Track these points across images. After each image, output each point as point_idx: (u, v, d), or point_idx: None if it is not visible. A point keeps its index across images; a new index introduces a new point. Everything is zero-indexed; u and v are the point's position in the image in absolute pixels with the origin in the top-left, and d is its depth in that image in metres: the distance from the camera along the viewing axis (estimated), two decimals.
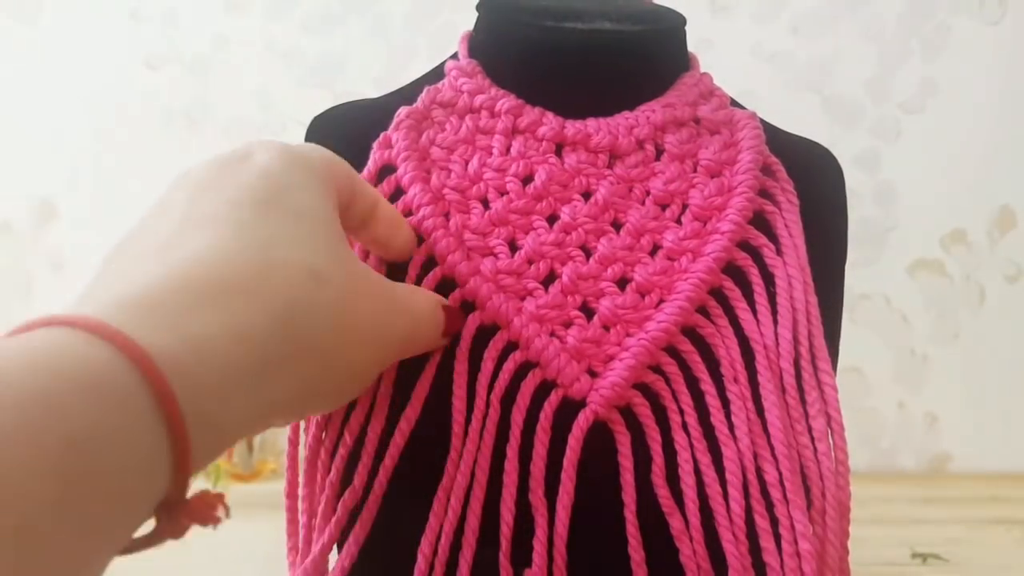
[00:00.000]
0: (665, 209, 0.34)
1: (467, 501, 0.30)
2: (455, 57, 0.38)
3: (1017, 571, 0.68)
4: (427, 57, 0.92)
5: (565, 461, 0.30)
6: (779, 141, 0.37)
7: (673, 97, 0.36)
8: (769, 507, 0.30)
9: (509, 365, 0.31)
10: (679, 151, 0.35)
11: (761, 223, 0.34)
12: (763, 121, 0.37)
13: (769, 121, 0.38)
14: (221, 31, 0.96)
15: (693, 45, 0.39)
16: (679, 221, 0.34)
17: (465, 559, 0.30)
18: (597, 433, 0.31)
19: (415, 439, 0.31)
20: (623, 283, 0.33)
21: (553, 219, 0.34)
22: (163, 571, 0.67)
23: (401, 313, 0.27)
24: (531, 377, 0.31)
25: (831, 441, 0.32)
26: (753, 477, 0.30)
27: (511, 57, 0.36)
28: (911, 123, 0.97)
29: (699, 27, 0.46)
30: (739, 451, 0.31)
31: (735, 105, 0.38)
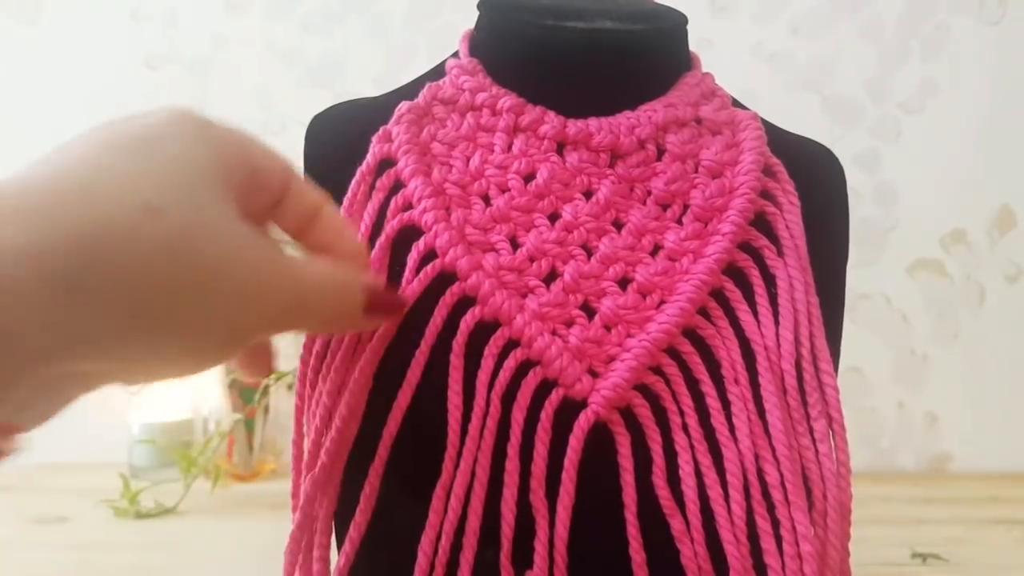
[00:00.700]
0: (666, 209, 0.34)
1: (467, 500, 0.30)
2: (456, 56, 0.38)
3: (1017, 571, 0.68)
4: (427, 57, 0.92)
5: (566, 461, 0.30)
6: (781, 141, 0.37)
7: (675, 97, 0.36)
8: (770, 508, 0.30)
9: (510, 363, 0.31)
10: (680, 151, 0.35)
11: (762, 224, 0.34)
12: (765, 121, 0.37)
13: (770, 121, 0.38)
14: (221, 31, 0.96)
15: (693, 45, 0.39)
16: (680, 221, 0.34)
17: (466, 559, 0.29)
18: (597, 434, 0.31)
19: (412, 434, 0.31)
20: (624, 283, 0.33)
21: (554, 217, 0.34)
22: (163, 570, 0.68)
23: (284, 278, 0.25)
24: (532, 376, 0.31)
25: (832, 442, 0.32)
26: (754, 478, 0.30)
27: (512, 56, 0.36)
28: (911, 123, 0.97)
29: (699, 27, 0.46)
30: (740, 452, 0.31)
31: (737, 105, 0.38)
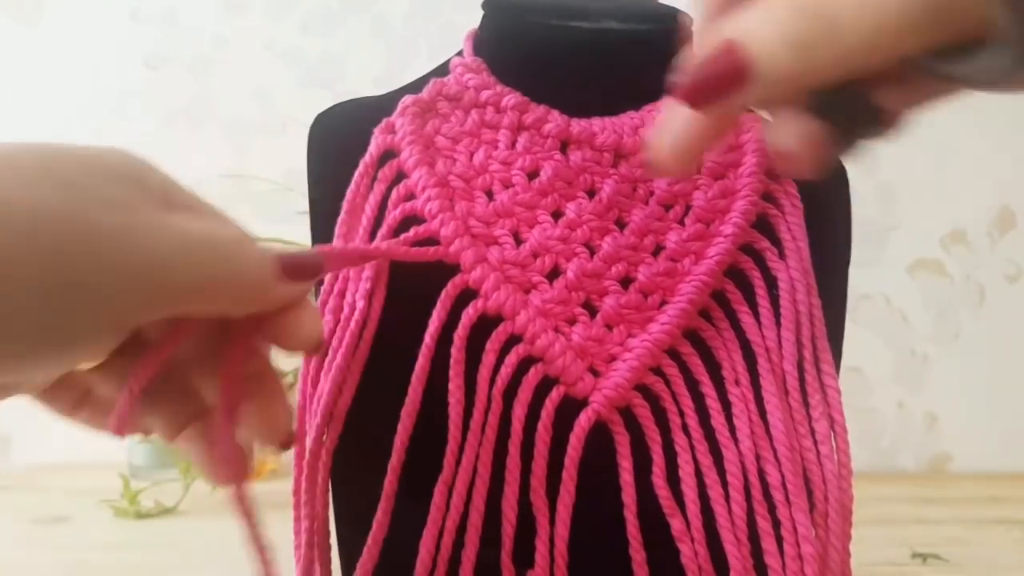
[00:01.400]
0: (668, 210, 0.34)
1: (469, 497, 0.30)
2: (460, 55, 0.38)
3: (1017, 571, 0.68)
4: (427, 57, 0.92)
5: (567, 460, 0.30)
6: None
7: None
8: (771, 509, 0.30)
9: (511, 359, 0.31)
10: None
11: (764, 226, 0.34)
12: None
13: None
14: (221, 31, 0.96)
15: None
16: (682, 222, 0.34)
17: (468, 557, 0.29)
18: (596, 433, 0.31)
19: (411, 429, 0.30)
20: (626, 282, 0.33)
21: (557, 215, 0.34)
22: (163, 570, 0.67)
23: (177, 240, 0.23)
24: (533, 372, 0.31)
25: (834, 444, 0.32)
26: (755, 479, 0.30)
27: (516, 55, 0.36)
28: (911, 123, 0.97)
29: None
30: (741, 453, 0.31)
31: None
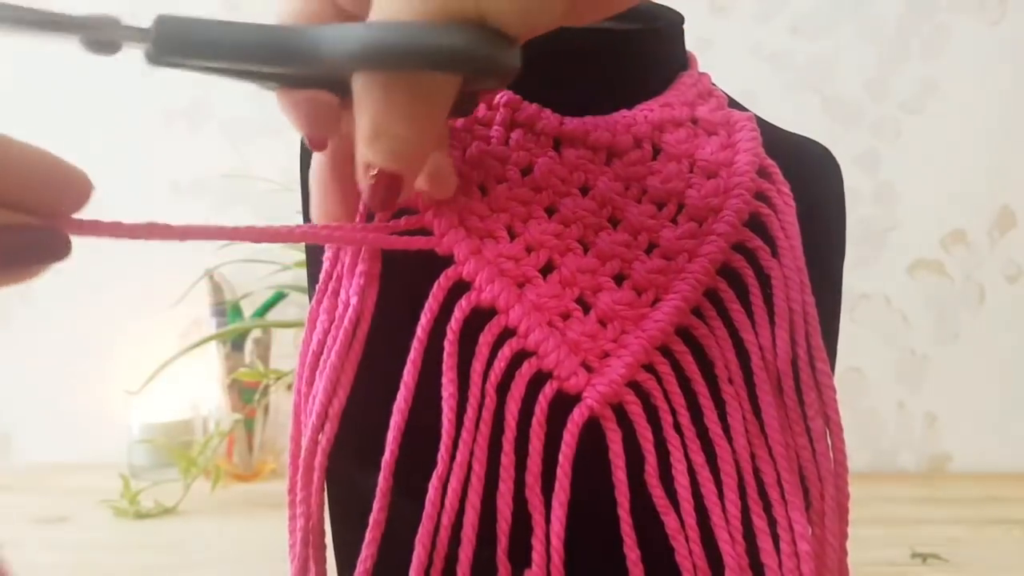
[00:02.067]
0: (662, 208, 0.34)
1: (464, 493, 0.29)
2: None
3: (1017, 571, 0.68)
4: None
5: (561, 457, 0.30)
6: (777, 140, 0.37)
7: (671, 96, 0.36)
8: (767, 507, 0.30)
9: (505, 352, 0.30)
10: (676, 151, 0.35)
11: (757, 225, 0.34)
12: (761, 120, 0.37)
13: (768, 121, 0.38)
14: None
15: (692, 44, 0.39)
16: (675, 220, 0.34)
17: (465, 554, 0.29)
18: (588, 430, 0.30)
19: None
20: (620, 279, 0.33)
21: (551, 211, 0.33)
22: (163, 570, 0.68)
23: None
24: (526, 367, 0.30)
25: (829, 442, 0.32)
26: (750, 477, 0.30)
27: None
28: (911, 123, 0.97)
29: (699, 26, 0.46)
30: (734, 451, 0.31)
31: (733, 105, 0.38)
